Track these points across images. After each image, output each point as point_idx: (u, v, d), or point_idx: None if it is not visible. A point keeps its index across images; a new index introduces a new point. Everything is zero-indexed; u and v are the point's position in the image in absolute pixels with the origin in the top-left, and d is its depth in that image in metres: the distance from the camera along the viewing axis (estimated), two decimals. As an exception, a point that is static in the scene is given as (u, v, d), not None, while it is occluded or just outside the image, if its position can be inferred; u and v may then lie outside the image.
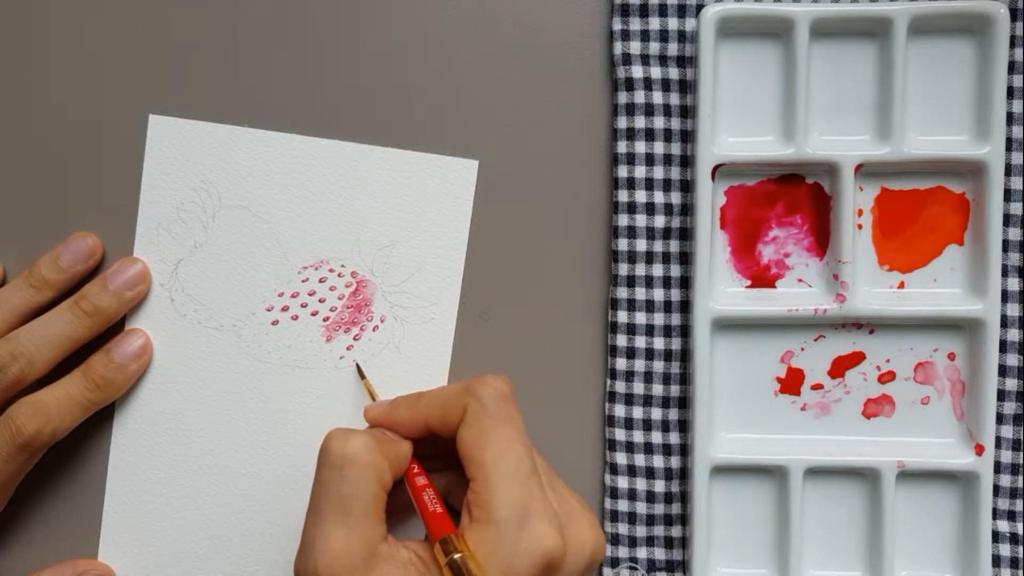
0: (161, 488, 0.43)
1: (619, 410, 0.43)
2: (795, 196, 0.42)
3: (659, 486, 0.42)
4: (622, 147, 0.42)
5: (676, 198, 0.42)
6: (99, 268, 0.43)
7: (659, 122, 0.42)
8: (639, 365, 0.42)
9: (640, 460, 0.42)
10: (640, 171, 0.42)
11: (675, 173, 0.42)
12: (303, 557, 0.34)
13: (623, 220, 0.42)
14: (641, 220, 0.42)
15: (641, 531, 0.42)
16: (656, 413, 0.42)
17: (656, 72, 0.42)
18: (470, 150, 0.43)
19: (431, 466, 0.38)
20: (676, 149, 0.42)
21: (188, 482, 0.43)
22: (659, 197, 0.42)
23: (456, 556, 0.32)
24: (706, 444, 0.41)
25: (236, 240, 0.43)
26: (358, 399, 0.43)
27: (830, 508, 0.42)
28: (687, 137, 0.42)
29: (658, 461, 0.42)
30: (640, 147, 0.42)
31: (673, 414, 0.42)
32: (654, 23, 0.42)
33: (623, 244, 0.42)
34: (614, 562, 0.43)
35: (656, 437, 0.42)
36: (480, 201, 0.43)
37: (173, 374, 0.43)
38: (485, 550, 0.33)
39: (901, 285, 0.42)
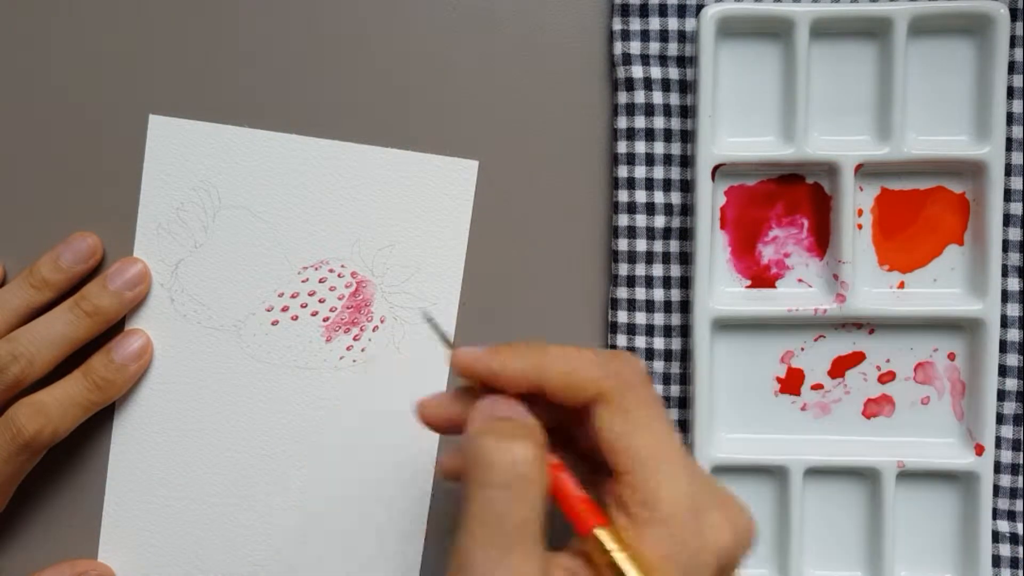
0: (161, 488, 0.43)
1: (619, 410, 0.42)
2: (795, 196, 0.42)
3: (659, 486, 0.42)
4: (622, 147, 0.42)
5: (676, 198, 0.42)
6: (99, 268, 0.43)
7: (659, 122, 0.42)
8: (639, 365, 0.42)
9: (640, 460, 0.42)
10: (640, 171, 0.42)
11: (675, 173, 0.42)
12: None
13: (623, 220, 0.42)
14: (641, 220, 0.42)
15: (641, 531, 0.42)
16: (656, 413, 0.42)
17: (656, 72, 0.42)
18: (470, 150, 0.43)
19: None
20: (676, 149, 0.42)
21: (188, 482, 0.43)
22: (659, 197, 0.42)
23: (619, 553, 0.29)
24: (706, 444, 0.41)
25: (236, 240, 0.43)
26: (358, 399, 0.43)
27: (830, 508, 0.42)
28: (687, 137, 0.42)
29: (658, 461, 0.42)
30: (640, 147, 0.42)
31: (673, 414, 0.42)
32: (654, 23, 0.42)
33: (623, 244, 0.42)
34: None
35: (656, 437, 0.42)
36: (480, 201, 0.43)
37: (173, 374, 0.43)
38: (660, 551, 0.29)
39: (901, 285, 0.42)
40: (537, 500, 0.29)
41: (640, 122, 0.42)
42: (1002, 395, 0.42)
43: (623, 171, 0.42)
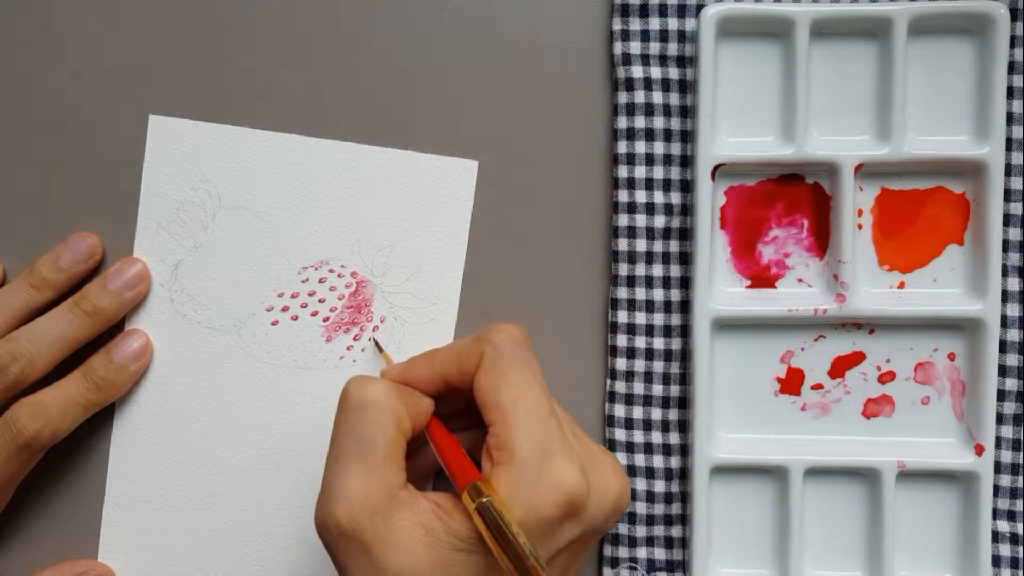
0: (161, 488, 0.43)
1: (619, 410, 0.43)
2: (795, 196, 0.42)
3: (659, 486, 0.42)
4: (622, 147, 0.42)
5: (676, 198, 0.42)
6: (99, 268, 0.43)
7: (659, 122, 0.42)
8: (639, 365, 0.42)
9: (640, 460, 0.42)
10: (640, 171, 0.42)
11: (675, 173, 0.42)
12: (322, 503, 0.34)
13: (623, 220, 0.42)
14: (641, 220, 0.42)
15: (641, 531, 0.42)
16: (656, 413, 0.42)
17: (656, 72, 0.42)
18: (470, 150, 0.43)
19: (452, 426, 0.38)
20: (676, 149, 0.42)
21: (188, 482, 0.43)
22: (659, 197, 0.42)
23: (484, 500, 0.32)
24: (706, 444, 0.41)
25: (236, 240, 0.43)
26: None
27: (830, 508, 0.42)
28: (687, 137, 0.42)
29: (658, 461, 0.42)
30: (640, 147, 0.42)
31: (673, 414, 0.42)
32: (654, 23, 0.42)
33: (623, 244, 0.42)
34: (614, 562, 0.43)
35: (656, 437, 0.42)
36: (480, 201, 0.43)
37: (173, 374, 0.43)
38: (507, 489, 0.33)
39: (901, 285, 0.42)
40: (382, 425, 0.34)
41: (640, 122, 0.42)
42: (1002, 395, 0.42)
43: (623, 171, 0.42)
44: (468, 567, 0.33)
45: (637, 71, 0.42)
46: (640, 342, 0.42)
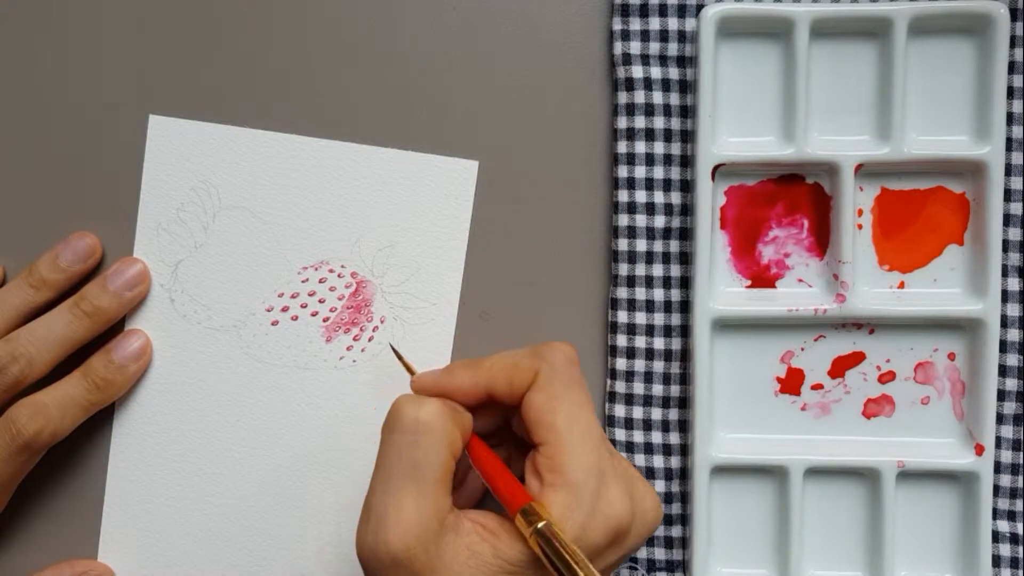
0: (161, 488, 0.43)
1: (619, 410, 0.42)
2: (795, 196, 0.42)
3: (659, 486, 0.42)
4: (622, 147, 0.42)
5: (676, 198, 0.42)
6: (99, 268, 0.43)
7: (659, 122, 0.42)
8: (639, 365, 0.42)
9: (640, 460, 0.42)
10: (640, 171, 0.42)
11: (675, 173, 0.42)
12: (372, 527, 0.33)
13: (623, 220, 0.42)
14: (641, 220, 0.42)
15: (641, 531, 0.42)
16: (656, 413, 0.42)
17: (656, 72, 0.42)
18: (470, 150, 0.43)
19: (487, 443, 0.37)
20: (676, 149, 0.42)
21: (188, 482, 0.43)
22: (659, 197, 0.42)
23: (541, 524, 0.32)
24: (706, 444, 0.41)
25: (236, 240, 0.43)
26: (359, 398, 0.43)
27: (830, 508, 0.42)
28: (687, 137, 0.42)
29: (658, 461, 0.42)
30: (640, 147, 0.42)
31: (673, 414, 0.42)
32: (654, 23, 0.42)
33: (623, 244, 0.42)
34: (614, 562, 0.43)
35: (656, 437, 0.42)
36: (480, 201, 0.43)
37: (173, 374, 0.43)
38: (560, 512, 0.32)
39: (901, 285, 0.42)
40: (437, 449, 0.33)
41: (640, 122, 0.42)
42: (1002, 395, 0.42)
43: (623, 171, 0.42)
44: None
45: (637, 71, 0.42)
46: (640, 342, 0.42)
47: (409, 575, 0.32)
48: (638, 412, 0.42)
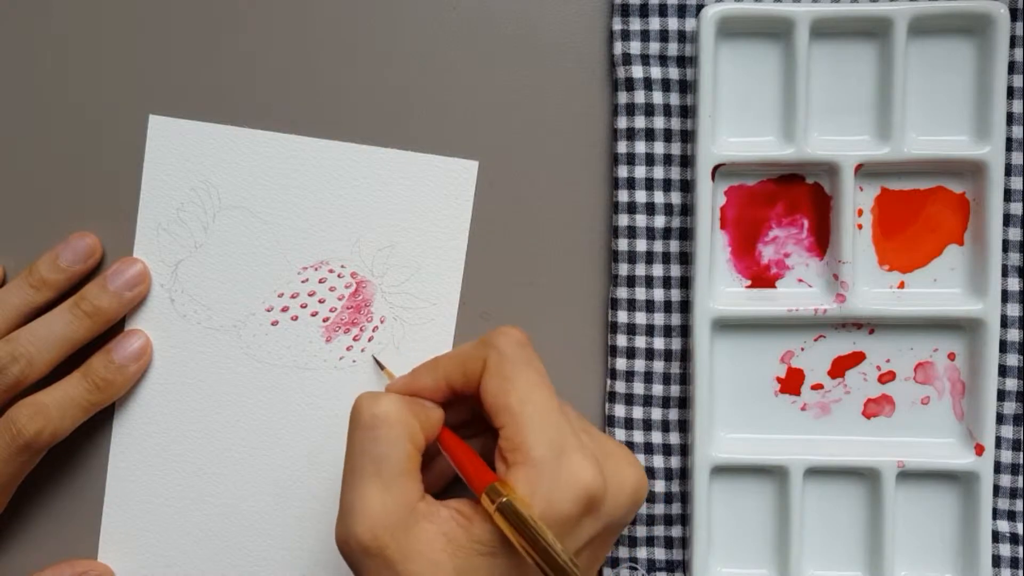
0: (161, 488, 0.43)
1: (619, 410, 0.43)
2: (795, 196, 0.42)
3: (659, 486, 0.42)
4: (622, 147, 0.42)
5: (676, 198, 0.42)
6: (99, 268, 0.43)
7: (659, 122, 0.42)
8: (639, 365, 0.42)
9: (640, 460, 0.42)
10: (640, 171, 0.42)
11: (675, 173, 0.42)
12: (342, 522, 0.34)
13: (623, 220, 0.42)
14: (641, 220, 0.42)
15: (641, 531, 0.42)
16: (656, 413, 0.42)
17: (656, 72, 0.42)
18: (470, 150, 0.43)
19: (460, 435, 0.38)
20: (676, 149, 0.42)
21: (188, 482, 0.43)
22: (659, 197, 0.42)
23: (504, 499, 0.32)
24: (706, 444, 0.41)
25: (236, 240, 0.43)
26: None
27: (830, 508, 0.42)
28: (687, 137, 0.42)
29: (658, 461, 0.42)
30: (640, 147, 0.42)
31: (673, 414, 0.42)
32: (654, 23, 0.42)
33: (623, 244, 0.42)
34: (614, 562, 0.43)
35: (656, 437, 0.42)
36: (480, 201, 0.43)
37: (173, 374, 0.43)
38: (525, 489, 0.33)
39: (901, 285, 0.42)
40: (396, 441, 0.34)
41: (640, 122, 0.42)
42: (1002, 395, 0.42)
43: (623, 171, 0.42)
44: (492, 571, 0.33)
45: (637, 71, 0.42)
46: (640, 342, 0.42)
47: (383, 562, 0.33)
48: (638, 412, 0.42)
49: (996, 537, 0.42)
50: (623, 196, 0.42)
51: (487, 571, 0.33)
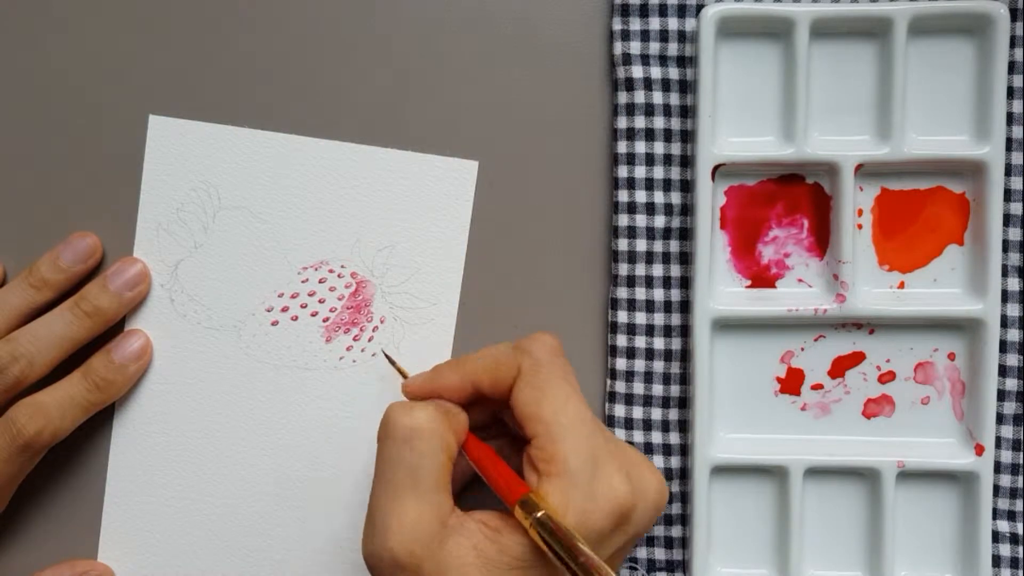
0: (161, 488, 0.43)
1: (619, 410, 0.42)
2: (795, 196, 0.42)
3: (659, 486, 0.42)
4: (622, 147, 0.42)
5: (676, 198, 0.42)
6: (99, 268, 0.43)
7: (659, 122, 0.42)
8: (639, 365, 0.42)
9: (640, 460, 0.42)
10: (640, 171, 0.42)
11: (675, 173, 0.42)
12: (374, 535, 0.33)
13: (623, 220, 0.42)
14: (641, 220, 0.42)
15: (641, 531, 0.42)
16: (656, 413, 0.42)
17: (656, 72, 0.42)
18: (470, 150, 0.43)
19: (478, 437, 0.38)
20: (676, 149, 0.42)
21: (188, 482, 0.43)
22: (659, 197, 0.42)
23: (539, 514, 0.32)
24: (706, 444, 0.41)
25: (236, 240, 0.43)
26: (358, 399, 0.43)
27: (830, 508, 0.42)
28: (687, 137, 0.42)
29: (658, 461, 0.42)
30: (640, 147, 0.42)
31: (673, 414, 0.42)
32: (654, 23, 0.42)
33: (623, 244, 0.42)
34: (614, 562, 0.43)
35: (656, 437, 0.42)
36: (480, 201, 0.43)
37: (173, 374, 0.43)
38: (559, 500, 0.32)
39: (901, 285, 0.42)
40: (432, 453, 0.33)
41: (640, 122, 0.42)
42: (1002, 395, 0.42)
43: (623, 171, 0.42)
44: None
45: (637, 71, 0.42)
46: (640, 342, 0.42)
47: None
48: (638, 412, 0.42)
49: (996, 537, 0.42)
50: (623, 196, 0.42)
51: None
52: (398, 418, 0.34)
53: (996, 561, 0.42)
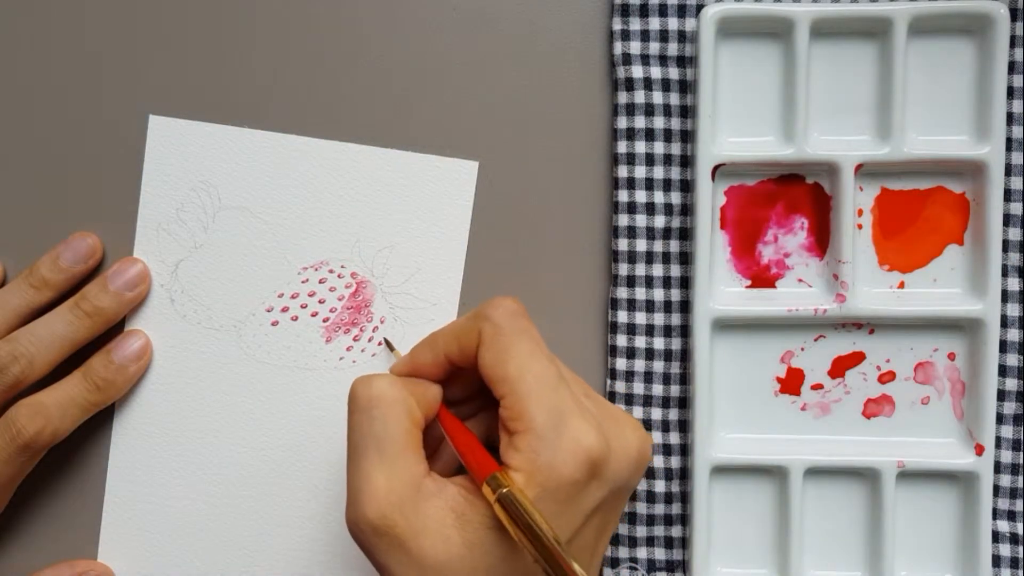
0: (161, 488, 0.43)
1: (619, 410, 0.43)
2: (795, 196, 0.42)
3: (659, 486, 0.42)
4: (622, 147, 0.42)
5: (676, 198, 0.42)
6: (99, 268, 0.43)
7: (659, 122, 0.42)
8: (639, 365, 0.42)
9: (640, 460, 0.42)
10: (640, 171, 0.42)
11: (675, 173, 0.42)
12: (351, 506, 0.34)
13: (623, 220, 0.42)
14: (641, 220, 0.42)
15: (641, 531, 0.42)
16: (656, 413, 0.42)
17: (656, 72, 0.42)
18: (470, 150, 0.43)
19: (466, 411, 0.38)
20: (676, 149, 0.42)
21: (188, 482, 0.43)
22: (659, 197, 0.42)
23: (504, 491, 0.32)
24: (706, 444, 0.41)
25: (236, 240, 0.43)
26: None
27: (830, 508, 0.42)
28: (687, 137, 0.42)
29: (658, 461, 0.42)
30: (640, 147, 0.42)
31: (673, 414, 0.42)
32: (654, 23, 0.42)
33: (623, 244, 0.42)
34: (614, 562, 0.43)
35: (656, 437, 0.42)
36: (480, 201, 0.43)
37: (173, 375, 0.43)
38: (527, 456, 0.33)
39: (901, 285, 0.42)
40: (394, 419, 0.34)
41: (640, 122, 0.42)
42: (1002, 395, 0.42)
43: (623, 171, 0.42)
44: (502, 545, 0.33)
45: (637, 71, 0.42)
46: (640, 342, 0.42)
47: (393, 540, 0.33)
48: (638, 412, 0.42)
49: (996, 537, 0.42)
50: (623, 196, 0.42)
51: (497, 545, 0.33)
52: (359, 390, 0.35)
53: (996, 561, 0.42)
